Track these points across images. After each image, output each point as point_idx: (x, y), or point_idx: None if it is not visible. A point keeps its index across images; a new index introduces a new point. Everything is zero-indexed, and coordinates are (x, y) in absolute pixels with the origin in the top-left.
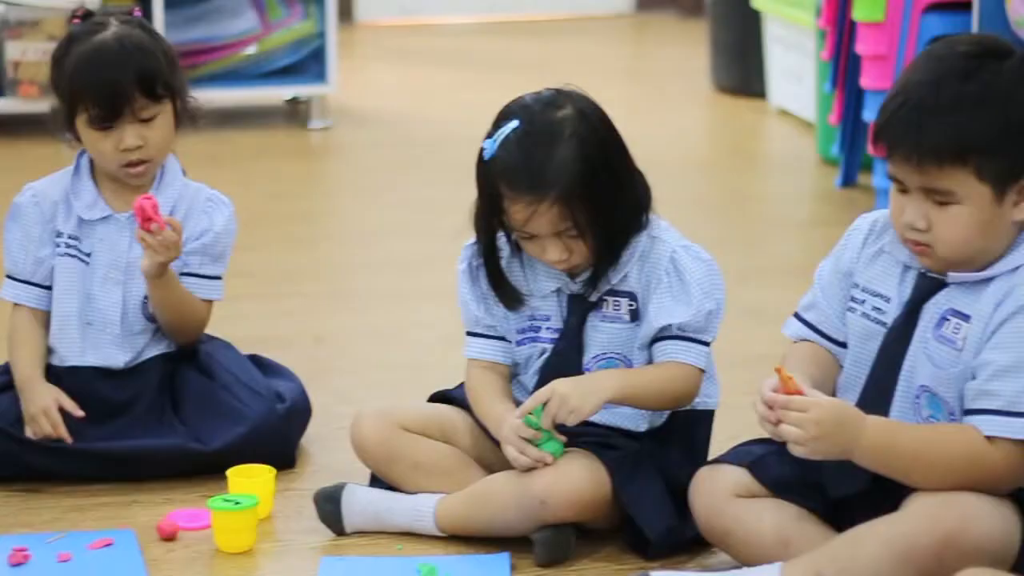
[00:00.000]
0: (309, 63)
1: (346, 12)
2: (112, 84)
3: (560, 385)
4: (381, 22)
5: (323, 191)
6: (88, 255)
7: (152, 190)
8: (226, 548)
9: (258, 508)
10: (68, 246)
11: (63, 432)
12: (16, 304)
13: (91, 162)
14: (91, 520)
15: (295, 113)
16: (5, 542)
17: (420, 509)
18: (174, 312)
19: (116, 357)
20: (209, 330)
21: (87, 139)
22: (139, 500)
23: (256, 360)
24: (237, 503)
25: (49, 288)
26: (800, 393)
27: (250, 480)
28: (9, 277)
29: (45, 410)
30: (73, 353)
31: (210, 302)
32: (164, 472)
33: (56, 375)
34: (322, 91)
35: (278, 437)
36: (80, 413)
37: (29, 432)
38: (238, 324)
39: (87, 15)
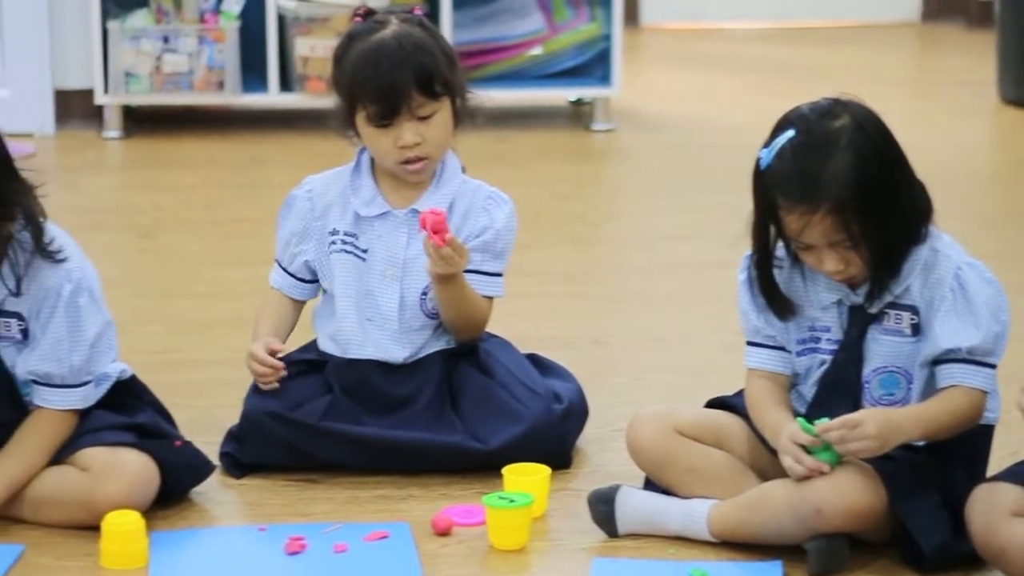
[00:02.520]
0: (594, 65)
1: (632, 15)
2: (390, 82)
3: (871, 424)
4: (666, 25)
5: (604, 193)
6: (365, 252)
7: (430, 187)
8: (499, 545)
9: (533, 507)
10: (344, 243)
11: (269, 366)
12: (272, 287)
13: (371, 159)
14: (367, 512)
15: (579, 115)
16: (283, 531)
17: (693, 513)
18: (457, 310)
19: (395, 352)
20: (489, 328)
21: (366, 136)
22: (415, 494)
23: (534, 359)
24: (512, 501)
25: (302, 280)
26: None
27: (526, 478)
28: (276, 262)
29: (251, 354)
30: (353, 347)
31: (491, 299)
32: (441, 467)
33: (337, 367)
34: (606, 93)
35: (555, 437)
36: (280, 365)
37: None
38: (517, 323)
39: (368, 13)
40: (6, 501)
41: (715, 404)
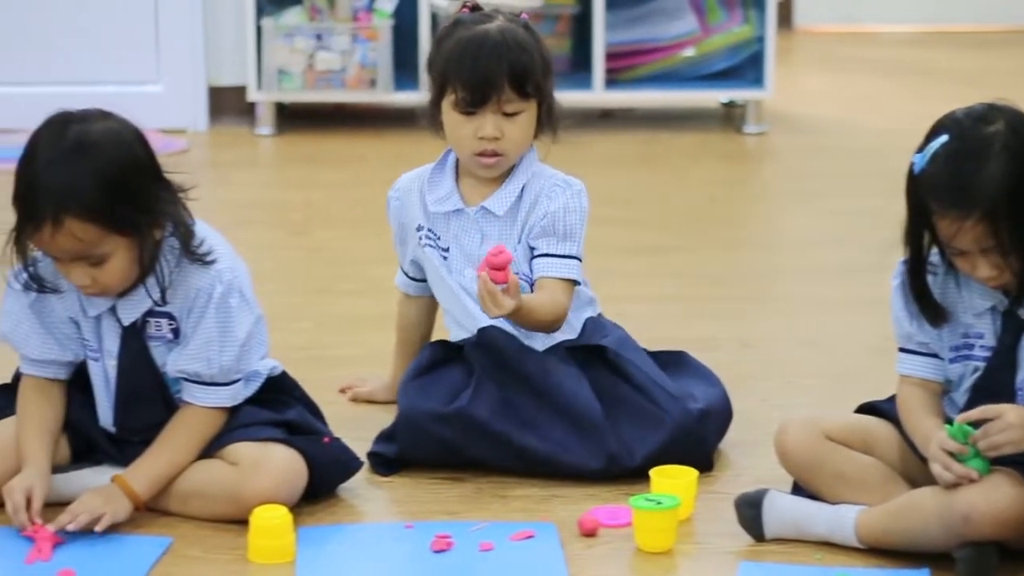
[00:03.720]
0: (746, 67)
1: (785, 17)
2: (485, 71)
3: (1012, 413)
4: (819, 28)
5: (755, 196)
6: (446, 251)
7: (502, 185)
8: (646, 547)
9: (679, 509)
10: (428, 238)
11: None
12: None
13: (456, 160)
14: (513, 511)
15: (730, 117)
16: (429, 529)
17: (841, 519)
18: (527, 323)
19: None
20: (636, 331)
21: (449, 122)
22: (560, 495)
23: (680, 358)
24: (659, 503)
25: (415, 279)
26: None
27: (673, 481)
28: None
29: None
30: (478, 322)
31: (569, 282)
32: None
33: (473, 347)
34: (758, 96)
35: (694, 439)
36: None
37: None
38: (665, 324)
39: (476, 7)
40: (154, 494)
41: (865, 409)
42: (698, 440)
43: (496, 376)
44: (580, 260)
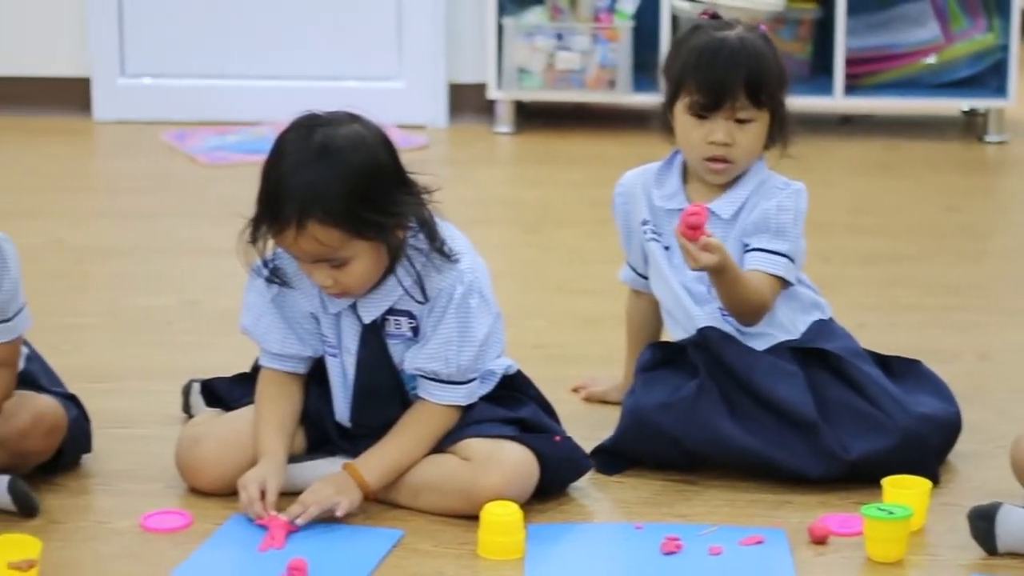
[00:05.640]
0: (988, 75)
1: None
2: (722, 76)
3: None
4: None
5: (995, 205)
6: (668, 248)
7: (728, 190)
8: (876, 557)
9: (911, 520)
10: (653, 233)
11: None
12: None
13: (684, 161)
14: (743, 516)
15: (971, 125)
16: (659, 530)
17: None
18: (730, 294)
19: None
20: (871, 339)
21: (680, 125)
22: (792, 501)
23: (913, 367)
24: (891, 513)
25: (641, 276)
26: None
27: (905, 491)
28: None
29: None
30: (695, 322)
31: (776, 279)
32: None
33: (695, 346)
34: (1000, 104)
35: (916, 447)
36: None
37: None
38: (901, 333)
39: (715, 16)
40: (383, 485)
41: None
42: (920, 448)
43: (717, 375)
44: (792, 260)
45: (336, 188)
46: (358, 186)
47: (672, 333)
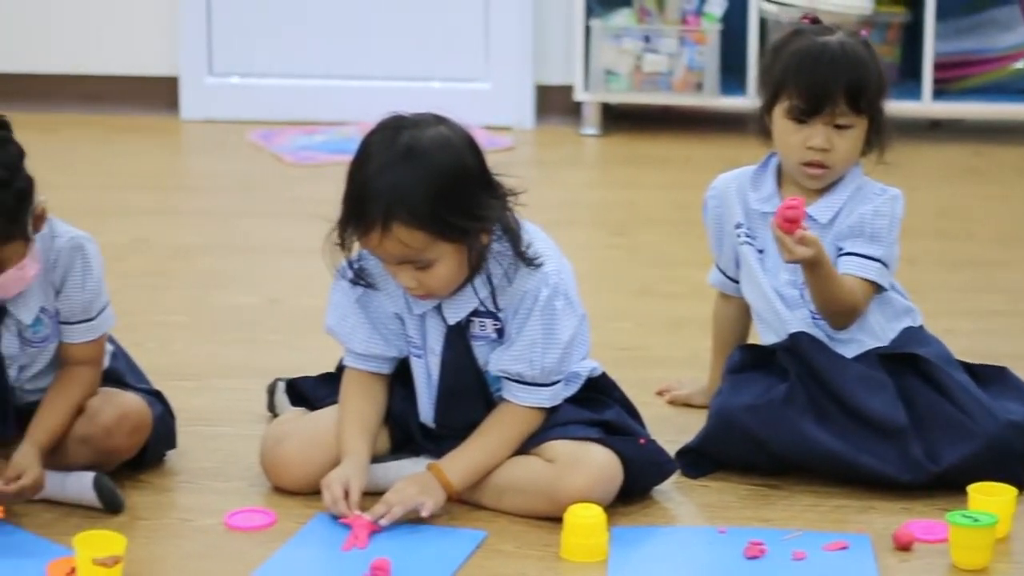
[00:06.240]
0: None
1: None
2: (823, 81)
3: None
4: None
5: None
6: (761, 252)
7: (824, 195)
8: (960, 564)
9: (997, 527)
10: (747, 236)
11: None
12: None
13: (779, 164)
14: (827, 521)
15: None
16: (742, 535)
17: None
18: (822, 293)
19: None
20: (960, 345)
21: (779, 129)
22: (876, 506)
23: (1001, 375)
24: (977, 520)
25: (731, 279)
26: None
27: (991, 498)
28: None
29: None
30: (787, 326)
31: (869, 283)
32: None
33: (785, 350)
34: None
35: (1006, 454)
36: None
37: None
38: (989, 339)
39: (816, 20)
40: (467, 486)
41: None
42: (1009, 455)
43: (806, 380)
44: (887, 265)
45: (421, 190)
46: (443, 188)
47: (763, 337)
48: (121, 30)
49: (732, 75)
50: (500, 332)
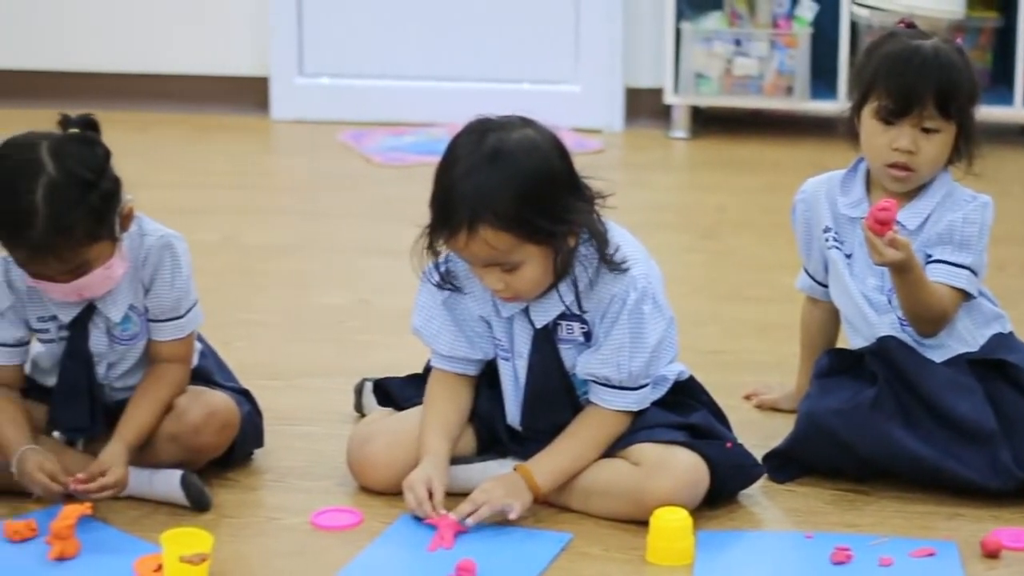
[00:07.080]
0: None
1: None
2: (913, 83)
3: None
4: None
5: None
6: (849, 256)
7: (912, 200)
8: None
9: None
10: (835, 240)
11: None
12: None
13: (867, 169)
14: (914, 528)
15: None
16: (829, 540)
17: None
18: (910, 299)
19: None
20: None
21: (866, 129)
22: (964, 513)
23: None
24: None
25: (820, 284)
26: None
27: None
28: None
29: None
30: (872, 329)
31: (958, 291)
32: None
33: (873, 354)
34: None
35: None
36: None
37: None
38: None
39: (911, 24)
40: (553, 488)
41: None
42: None
43: (894, 384)
44: (976, 273)
45: (507, 192)
46: (529, 191)
47: (851, 341)
48: (213, 31)
49: (822, 79)
50: (587, 335)
